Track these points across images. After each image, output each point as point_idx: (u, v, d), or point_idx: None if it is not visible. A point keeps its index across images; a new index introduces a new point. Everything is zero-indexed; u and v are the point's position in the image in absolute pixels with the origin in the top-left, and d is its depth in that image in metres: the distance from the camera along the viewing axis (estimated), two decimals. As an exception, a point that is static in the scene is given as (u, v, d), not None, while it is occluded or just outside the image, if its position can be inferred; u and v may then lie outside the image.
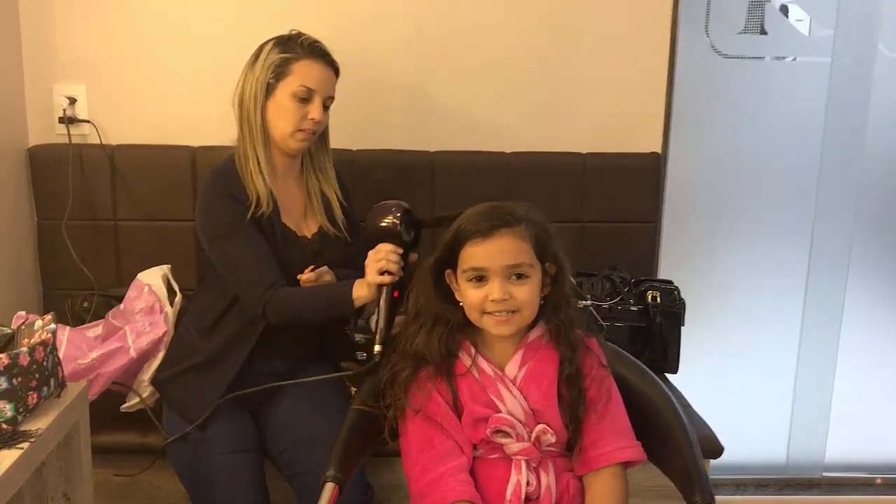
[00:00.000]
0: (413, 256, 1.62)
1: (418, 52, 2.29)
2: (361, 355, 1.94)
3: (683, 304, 2.21)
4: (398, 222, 1.59)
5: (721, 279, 2.55)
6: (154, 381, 1.83)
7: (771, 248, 2.54)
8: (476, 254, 1.36)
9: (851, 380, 2.58)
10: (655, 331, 2.19)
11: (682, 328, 2.19)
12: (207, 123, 2.23)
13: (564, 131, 2.35)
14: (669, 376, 2.19)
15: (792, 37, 2.41)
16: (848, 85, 2.42)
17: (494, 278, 1.36)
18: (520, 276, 1.36)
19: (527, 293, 1.37)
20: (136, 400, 1.83)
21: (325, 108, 1.79)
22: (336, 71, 1.81)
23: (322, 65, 1.77)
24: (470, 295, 1.38)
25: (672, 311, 2.20)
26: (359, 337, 1.95)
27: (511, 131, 2.34)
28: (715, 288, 2.55)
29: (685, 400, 2.01)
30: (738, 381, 2.60)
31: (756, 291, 2.55)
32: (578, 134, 2.35)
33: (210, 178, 1.77)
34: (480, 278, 1.37)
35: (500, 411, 1.38)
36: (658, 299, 2.20)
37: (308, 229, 1.84)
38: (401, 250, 1.59)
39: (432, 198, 2.30)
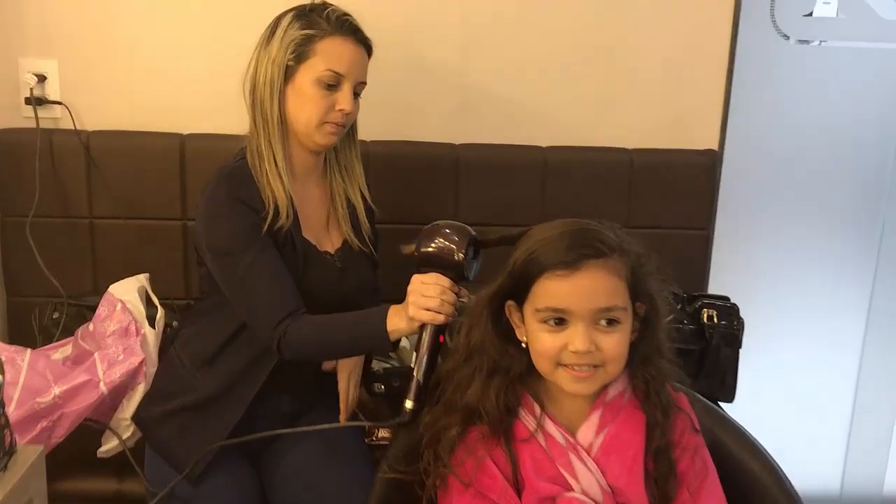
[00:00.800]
0: (464, 292, 1.30)
1: (443, 28, 1.98)
2: (378, 387, 1.66)
3: (743, 324, 1.95)
4: (464, 254, 1.27)
5: (773, 291, 2.27)
6: (137, 419, 1.54)
7: (832, 259, 2.26)
8: (557, 291, 1.07)
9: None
10: (712, 355, 1.92)
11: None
12: (200, 107, 1.93)
13: (609, 123, 2.05)
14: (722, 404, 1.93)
15: (868, 19, 2.11)
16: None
17: (578, 323, 1.07)
18: (609, 322, 1.08)
19: (616, 343, 1.08)
20: (115, 443, 1.53)
21: (356, 95, 1.49)
22: (369, 50, 1.51)
23: (352, 43, 1.47)
24: (543, 341, 1.09)
25: (731, 332, 1.93)
26: (376, 366, 1.68)
27: (548, 122, 2.04)
28: (766, 301, 2.27)
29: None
30: (789, 401, 2.34)
31: (813, 305, 2.28)
32: (625, 127, 2.05)
33: (217, 179, 1.47)
34: (559, 321, 1.08)
35: (571, 489, 1.10)
36: (715, 319, 1.93)
37: (331, 243, 1.55)
38: (458, 288, 1.29)
39: (457, 198, 2.01)
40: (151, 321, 1.64)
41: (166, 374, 1.56)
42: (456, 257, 1.27)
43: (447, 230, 1.29)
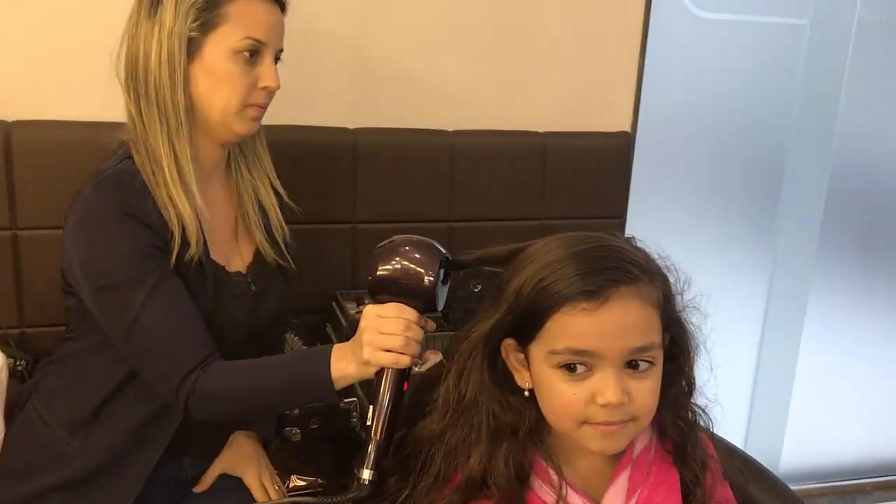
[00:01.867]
0: (431, 325, 1.06)
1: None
2: (293, 433, 1.37)
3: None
4: (433, 278, 1.01)
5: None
6: (-18, 508, 1.16)
7: (735, 239, 2.22)
8: (581, 329, 0.84)
9: (811, 387, 2.33)
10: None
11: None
12: (30, 87, 1.53)
13: (519, 105, 1.85)
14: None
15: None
16: (823, 51, 2.10)
17: (607, 369, 0.85)
18: (639, 365, 0.87)
19: (650, 391, 0.88)
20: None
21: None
22: (283, 8, 1.23)
23: (269, 3, 1.18)
24: (564, 392, 0.86)
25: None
26: (288, 407, 1.38)
27: (455, 105, 1.80)
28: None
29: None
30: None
31: (715, 285, 2.20)
32: (536, 108, 1.86)
33: (94, 185, 1.13)
34: (579, 366, 0.86)
35: (604, 573, 0.89)
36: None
37: (241, 258, 1.24)
38: (428, 323, 1.04)
39: (354, 190, 1.74)
40: (-11, 373, 1.26)
41: (24, 444, 1.19)
42: (424, 282, 1.00)
43: (409, 248, 1.02)
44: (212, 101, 1.14)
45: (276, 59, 1.21)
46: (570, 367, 0.86)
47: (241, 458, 1.26)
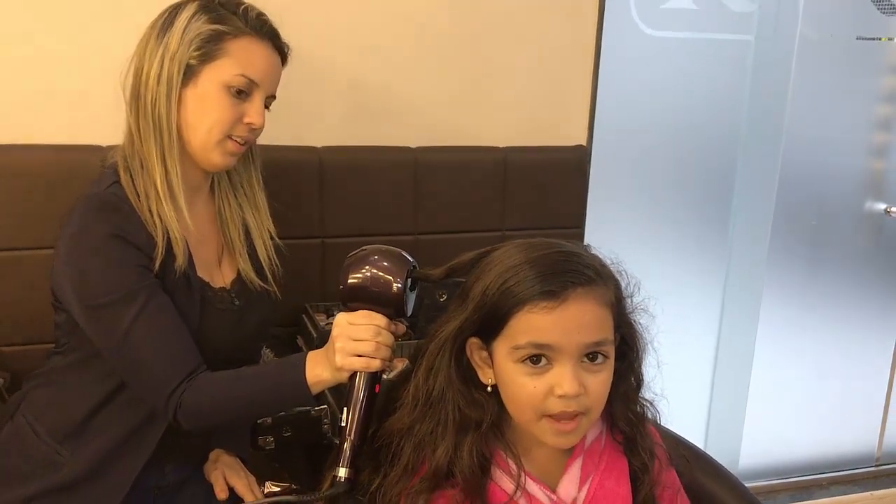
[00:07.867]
0: (401, 328, 1.12)
1: (297, 15, 1.73)
2: (266, 441, 1.42)
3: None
4: (401, 285, 1.07)
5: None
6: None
7: (688, 248, 2.31)
8: (542, 325, 0.92)
9: (766, 387, 2.42)
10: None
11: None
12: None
13: (480, 121, 1.92)
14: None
15: (720, 11, 2.14)
16: (768, 66, 2.20)
17: (566, 362, 0.92)
18: (594, 358, 0.94)
19: (603, 384, 0.95)
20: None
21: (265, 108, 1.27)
22: (284, 59, 1.30)
23: (270, 49, 1.24)
24: (525, 385, 0.93)
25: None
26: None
27: (418, 122, 1.86)
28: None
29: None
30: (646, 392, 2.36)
31: (672, 291, 2.31)
32: (495, 125, 1.93)
33: (85, 207, 1.17)
34: (540, 359, 0.93)
35: (560, 555, 0.96)
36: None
37: (223, 276, 1.29)
38: (398, 326, 1.10)
39: (322, 206, 1.79)
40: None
41: (15, 451, 1.24)
42: (393, 289, 1.07)
43: (378, 257, 1.08)
44: (197, 126, 1.20)
45: (267, 105, 1.26)
46: (531, 360, 0.93)
47: (230, 469, 1.32)
